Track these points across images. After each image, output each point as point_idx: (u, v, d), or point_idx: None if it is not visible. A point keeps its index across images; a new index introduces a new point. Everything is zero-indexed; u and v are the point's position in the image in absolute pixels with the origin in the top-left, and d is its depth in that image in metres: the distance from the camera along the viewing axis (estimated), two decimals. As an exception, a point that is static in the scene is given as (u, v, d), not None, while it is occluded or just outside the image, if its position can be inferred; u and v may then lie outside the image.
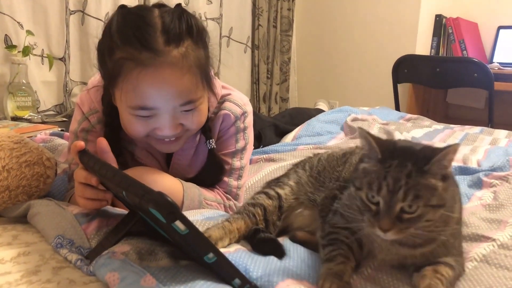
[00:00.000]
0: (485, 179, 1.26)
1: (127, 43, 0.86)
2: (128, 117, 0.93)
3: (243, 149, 1.14)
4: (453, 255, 0.79)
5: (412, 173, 0.68)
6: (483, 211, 1.08)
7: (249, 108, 1.16)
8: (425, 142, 1.67)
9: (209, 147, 1.07)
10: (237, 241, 0.88)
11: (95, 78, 1.08)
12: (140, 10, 0.91)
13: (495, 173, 1.28)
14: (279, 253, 0.83)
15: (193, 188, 1.04)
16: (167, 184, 0.98)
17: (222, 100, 1.11)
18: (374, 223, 0.70)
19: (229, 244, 0.85)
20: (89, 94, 1.06)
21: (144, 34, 0.86)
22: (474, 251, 0.89)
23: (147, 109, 0.90)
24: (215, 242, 0.83)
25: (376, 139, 0.74)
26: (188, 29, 0.90)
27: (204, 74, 0.94)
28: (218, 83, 1.12)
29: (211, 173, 1.09)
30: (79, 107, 1.08)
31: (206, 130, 1.07)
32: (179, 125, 0.94)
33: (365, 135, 0.74)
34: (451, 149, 0.69)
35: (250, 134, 1.17)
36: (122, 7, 0.92)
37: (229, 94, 1.13)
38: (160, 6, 0.93)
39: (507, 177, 1.25)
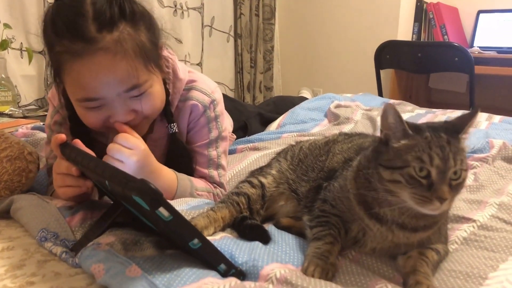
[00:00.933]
0: (465, 161, 1.28)
1: (61, 36, 0.85)
2: (80, 110, 0.92)
3: (218, 138, 1.13)
4: (441, 243, 0.81)
5: (451, 140, 0.71)
6: (463, 192, 1.10)
7: (218, 96, 1.14)
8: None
9: (171, 131, 1.05)
10: (222, 230, 0.89)
11: None
12: (73, 0, 0.88)
13: (475, 155, 1.30)
14: (265, 239, 0.84)
15: (186, 180, 1.04)
16: (163, 173, 0.98)
17: (189, 87, 1.09)
18: (430, 196, 0.69)
19: (214, 233, 0.86)
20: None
21: (75, 24, 0.84)
22: (455, 234, 0.91)
23: (93, 100, 0.88)
24: (201, 231, 0.83)
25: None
26: (120, 12, 0.87)
27: (147, 57, 0.90)
28: (183, 68, 1.10)
29: (176, 159, 1.07)
30: (50, 101, 1.07)
31: (167, 113, 1.05)
32: (132, 111, 0.92)
33: (395, 112, 0.73)
34: (477, 114, 0.75)
35: (223, 121, 1.15)
36: (56, 0, 0.90)
37: (195, 81, 1.10)
38: None
39: (487, 159, 1.27)
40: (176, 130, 1.06)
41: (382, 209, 0.76)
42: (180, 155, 1.07)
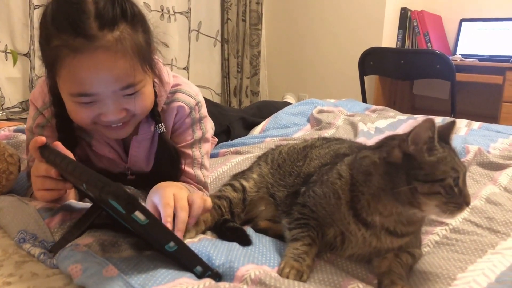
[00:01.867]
0: (442, 166, 1.31)
1: (61, 31, 0.86)
2: (71, 105, 0.93)
3: (201, 139, 1.15)
4: (416, 247, 0.84)
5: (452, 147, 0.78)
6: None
7: (201, 99, 1.17)
8: (389, 132, 1.72)
9: (159, 131, 1.07)
10: (203, 232, 0.90)
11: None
12: None
13: (451, 160, 1.33)
14: (246, 241, 0.86)
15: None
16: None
17: (174, 90, 1.11)
18: (461, 202, 0.73)
19: (196, 235, 0.87)
20: (41, 87, 1.06)
21: (77, 20, 0.85)
22: (428, 237, 0.93)
23: (87, 95, 0.90)
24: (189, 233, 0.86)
25: None
26: (122, 13, 0.89)
27: (143, 58, 0.93)
28: (167, 72, 1.12)
29: (165, 159, 1.09)
30: (33, 103, 1.07)
31: (155, 114, 1.06)
32: (123, 110, 0.94)
33: (435, 126, 0.75)
34: (455, 123, 0.82)
35: (207, 124, 1.17)
36: None
37: (179, 85, 1.13)
38: None
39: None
40: (164, 130, 1.07)
41: (371, 216, 0.78)
42: (169, 155, 1.08)
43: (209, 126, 1.22)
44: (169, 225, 0.80)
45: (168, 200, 0.84)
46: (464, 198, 0.73)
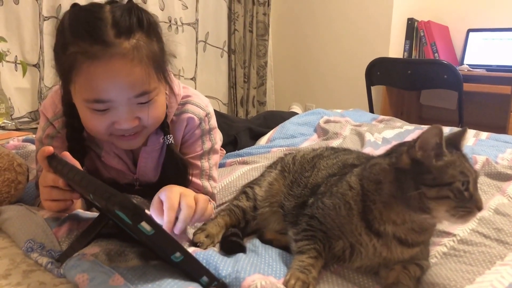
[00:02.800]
0: (449, 176, 1.30)
1: (78, 38, 0.88)
2: (86, 113, 0.94)
3: (210, 150, 1.16)
4: (424, 259, 0.83)
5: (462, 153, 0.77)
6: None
7: (211, 110, 1.18)
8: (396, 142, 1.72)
9: (167, 143, 1.08)
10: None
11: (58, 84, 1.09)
12: (91, 6, 0.93)
13: (459, 171, 1.32)
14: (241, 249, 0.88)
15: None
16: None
17: (184, 102, 1.13)
18: (472, 207, 0.72)
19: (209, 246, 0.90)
20: (52, 98, 1.07)
21: (94, 28, 0.87)
22: (436, 248, 0.93)
23: (102, 102, 0.91)
24: (213, 237, 0.91)
25: None
26: (138, 22, 0.91)
27: (158, 66, 0.95)
28: (178, 83, 1.13)
29: (172, 170, 1.10)
30: (43, 114, 1.08)
31: (164, 126, 1.07)
32: (136, 118, 0.95)
33: (442, 132, 0.75)
34: (467, 130, 0.82)
35: (216, 135, 1.18)
36: (74, 5, 0.94)
37: (189, 96, 1.14)
38: (112, 2, 0.95)
39: (470, 174, 1.30)
40: (172, 142, 1.08)
41: (383, 226, 0.78)
42: (176, 166, 1.09)
43: (218, 137, 1.23)
44: (169, 231, 0.82)
45: (174, 201, 0.86)
46: (476, 202, 0.72)
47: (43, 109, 1.09)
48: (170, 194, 0.87)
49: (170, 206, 0.85)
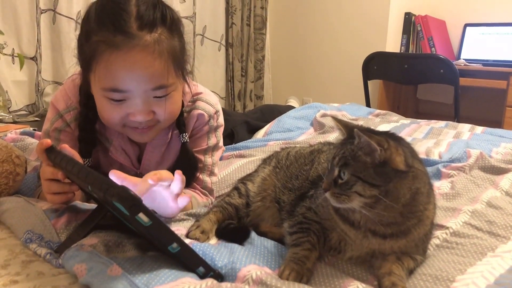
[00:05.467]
0: (444, 170, 1.32)
1: (102, 27, 0.90)
2: (102, 101, 0.96)
3: (215, 146, 1.18)
4: (419, 254, 0.84)
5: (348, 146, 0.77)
6: (440, 200, 1.14)
7: (220, 108, 1.20)
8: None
9: (182, 141, 1.10)
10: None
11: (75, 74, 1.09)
12: None
13: (453, 164, 1.34)
14: (242, 239, 0.89)
15: (193, 199, 1.08)
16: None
17: (195, 99, 1.15)
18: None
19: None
20: (65, 90, 1.08)
21: (118, 18, 0.89)
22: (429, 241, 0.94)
23: (119, 91, 0.92)
24: (208, 232, 0.91)
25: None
26: (162, 17, 0.93)
27: (177, 63, 0.96)
28: (191, 81, 1.15)
29: (183, 167, 1.11)
30: (54, 105, 1.08)
31: (180, 124, 1.10)
32: (151, 112, 0.97)
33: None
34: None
35: (221, 132, 1.21)
36: None
37: (200, 93, 1.16)
38: None
39: (464, 168, 1.31)
40: (187, 140, 1.11)
41: (352, 216, 0.79)
42: (188, 164, 1.11)
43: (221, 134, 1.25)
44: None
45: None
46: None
47: (54, 101, 1.09)
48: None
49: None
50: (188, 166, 1.11)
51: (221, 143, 1.22)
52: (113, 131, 1.07)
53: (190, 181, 1.13)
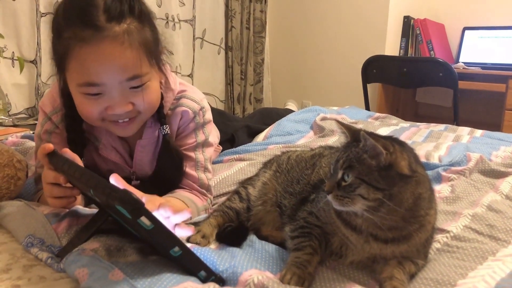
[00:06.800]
0: (444, 173, 1.32)
1: (71, 24, 0.90)
2: (79, 98, 0.96)
3: (204, 142, 1.18)
4: (421, 258, 0.84)
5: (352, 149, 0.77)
6: (440, 203, 1.14)
7: (206, 104, 1.20)
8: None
9: (163, 133, 1.10)
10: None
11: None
12: None
13: (453, 168, 1.34)
14: (238, 241, 0.90)
15: (192, 205, 1.07)
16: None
17: (179, 96, 1.14)
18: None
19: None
20: (51, 93, 1.09)
21: (86, 13, 0.89)
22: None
23: (94, 85, 0.92)
24: (208, 237, 0.91)
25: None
26: (130, 9, 0.93)
27: (150, 52, 0.96)
28: (175, 79, 1.15)
29: (167, 161, 1.11)
30: (42, 109, 1.10)
31: (161, 116, 1.09)
32: (130, 103, 0.96)
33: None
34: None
35: (211, 129, 1.20)
36: None
37: (185, 91, 1.16)
38: None
39: (464, 171, 1.31)
40: (168, 132, 1.10)
41: (354, 220, 0.79)
42: (171, 157, 1.11)
43: (214, 132, 1.24)
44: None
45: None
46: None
47: (41, 104, 1.10)
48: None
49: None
50: (171, 159, 1.11)
51: (211, 139, 1.21)
52: (101, 129, 1.07)
53: (179, 176, 1.12)
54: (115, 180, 0.80)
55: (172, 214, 0.78)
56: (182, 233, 0.86)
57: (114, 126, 1.00)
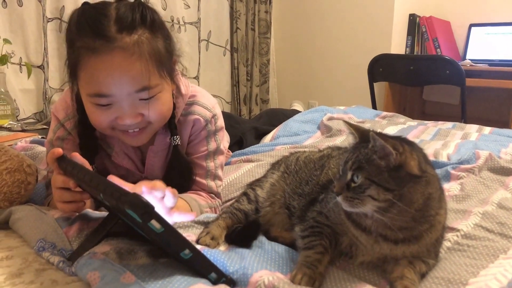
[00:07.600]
0: (453, 172, 1.31)
1: (83, 34, 0.91)
2: (90, 107, 0.96)
3: (216, 150, 1.17)
4: (432, 258, 0.84)
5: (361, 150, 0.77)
6: (450, 202, 1.13)
7: (218, 111, 1.19)
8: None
9: (174, 143, 1.09)
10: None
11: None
12: (98, 4, 0.95)
13: (462, 166, 1.33)
14: (247, 242, 0.90)
15: (195, 204, 1.07)
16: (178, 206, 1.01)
17: (191, 102, 1.14)
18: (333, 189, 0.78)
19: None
20: (64, 99, 1.09)
21: (97, 23, 0.90)
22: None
23: (103, 96, 0.92)
24: (217, 238, 0.91)
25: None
26: (142, 19, 0.93)
27: (160, 63, 0.95)
28: (185, 83, 1.14)
29: (176, 171, 1.11)
30: (54, 115, 1.10)
31: (172, 126, 1.09)
32: (139, 114, 0.96)
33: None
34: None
35: (222, 136, 1.20)
36: (84, 4, 0.96)
37: (196, 96, 1.15)
38: (119, 0, 0.96)
39: (473, 169, 1.31)
40: (179, 143, 1.10)
41: (364, 221, 0.79)
42: (180, 167, 1.11)
43: (225, 138, 1.24)
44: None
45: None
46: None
47: (54, 110, 1.11)
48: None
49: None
50: (180, 169, 1.11)
51: (222, 146, 1.20)
52: (114, 137, 1.07)
53: (187, 185, 1.12)
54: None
55: (163, 191, 0.81)
56: (180, 218, 0.88)
57: (124, 135, 1.01)
